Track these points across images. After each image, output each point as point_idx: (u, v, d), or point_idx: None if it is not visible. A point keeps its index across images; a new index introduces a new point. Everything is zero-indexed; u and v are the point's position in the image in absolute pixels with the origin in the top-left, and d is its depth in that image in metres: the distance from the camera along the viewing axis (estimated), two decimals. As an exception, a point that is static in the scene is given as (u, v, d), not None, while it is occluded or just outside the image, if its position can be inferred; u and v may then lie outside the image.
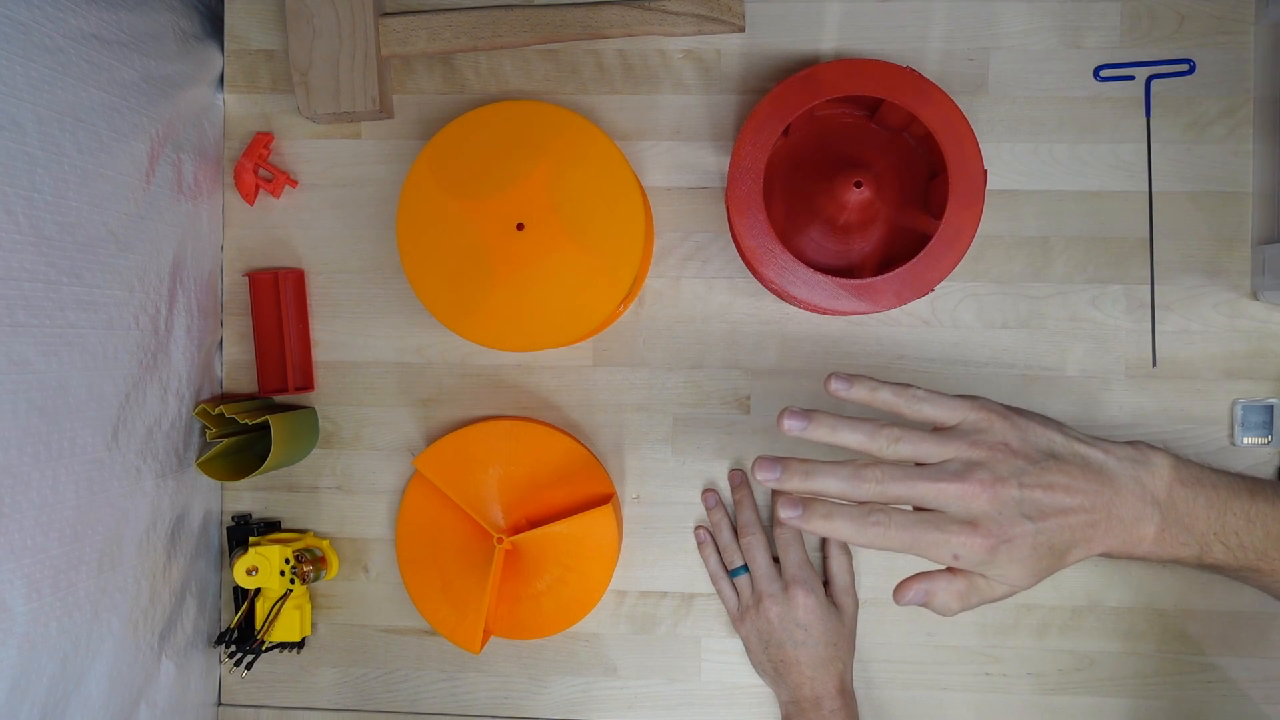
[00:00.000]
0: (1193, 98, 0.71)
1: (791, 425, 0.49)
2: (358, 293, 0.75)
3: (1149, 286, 0.71)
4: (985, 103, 0.71)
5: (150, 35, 0.65)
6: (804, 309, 0.71)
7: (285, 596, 0.70)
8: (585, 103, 0.73)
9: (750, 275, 0.72)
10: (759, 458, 0.48)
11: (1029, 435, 0.48)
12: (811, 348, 0.73)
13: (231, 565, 0.70)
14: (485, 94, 0.74)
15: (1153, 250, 0.71)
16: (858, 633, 0.71)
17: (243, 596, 0.73)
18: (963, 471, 0.46)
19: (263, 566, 0.69)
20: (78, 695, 0.58)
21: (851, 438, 0.48)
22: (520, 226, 0.65)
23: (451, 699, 0.75)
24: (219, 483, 0.75)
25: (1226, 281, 0.71)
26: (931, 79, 0.63)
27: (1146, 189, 0.71)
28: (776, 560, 0.70)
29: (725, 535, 0.72)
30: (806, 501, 0.47)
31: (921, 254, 0.62)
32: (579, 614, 0.71)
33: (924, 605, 0.48)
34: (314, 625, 0.75)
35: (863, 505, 0.47)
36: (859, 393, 0.50)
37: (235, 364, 0.76)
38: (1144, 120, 0.71)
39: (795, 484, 0.47)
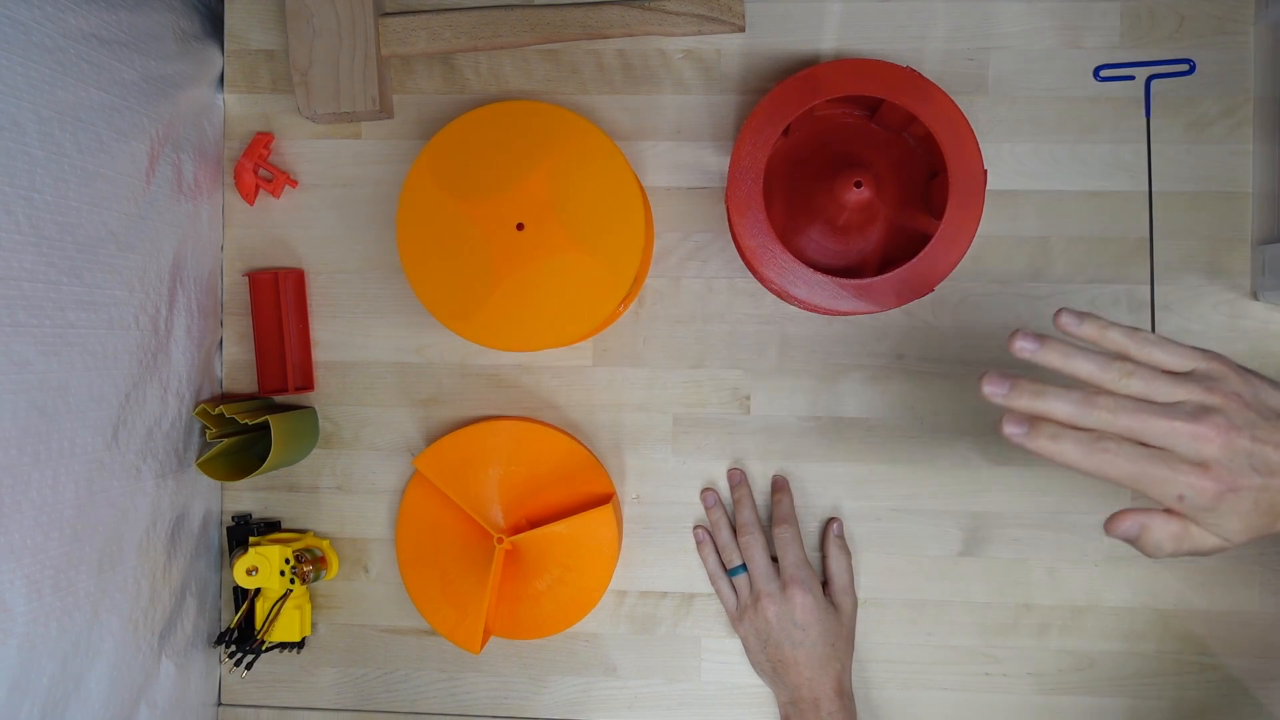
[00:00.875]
0: (1193, 98, 0.71)
1: (1024, 345, 0.48)
2: (358, 293, 0.75)
3: (1149, 286, 0.71)
4: (985, 103, 0.71)
5: (150, 35, 0.65)
6: (804, 309, 0.71)
7: (285, 596, 0.70)
8: (585, 103, 0.73)
9: (750, 275, 0.72)
10: (988, 372, 0.47)
11: (1261, 393, 0.47)
12: (811, 348, 0.73)
13: (231, 565, 0.70)
14: (485, 94, 0.74)
15: (1153, 250, 0.71)
16: (857, 633, 0.71)
17: (243, 596, 0.73)
18: (1198, 413, 0.45)
19: (263, 566, 0.69)
20: (78, 695, 0.58)
21: (1084, 367, 0.47)
22: (520, 226, 0.65)
23: (451, 699, 0.75)
24: (219, 483, 0.75)
25: (1226, 281, 0.71)
26: (931, 79, 0.63)
27: (1146, 189, 0.71)
28: (775, 560, 0.70)
29: (724, 534, 0.72)
30: (1034, 420, 0.46)
31: (921, 254, 0.62)
32: (579, 614, 0.71)
33: (1133, 542, 0.48)
34: (314, 625, 0.75)
35: (1091, 432, 0.46)
36: (1088, 330, 0.49)
37: (235, 364, 0.76)
38: (1144, 120, 0.71)
39: (1024, 402, 0.47)
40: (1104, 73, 0.71)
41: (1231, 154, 0.70)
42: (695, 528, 0.74)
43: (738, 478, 0.73)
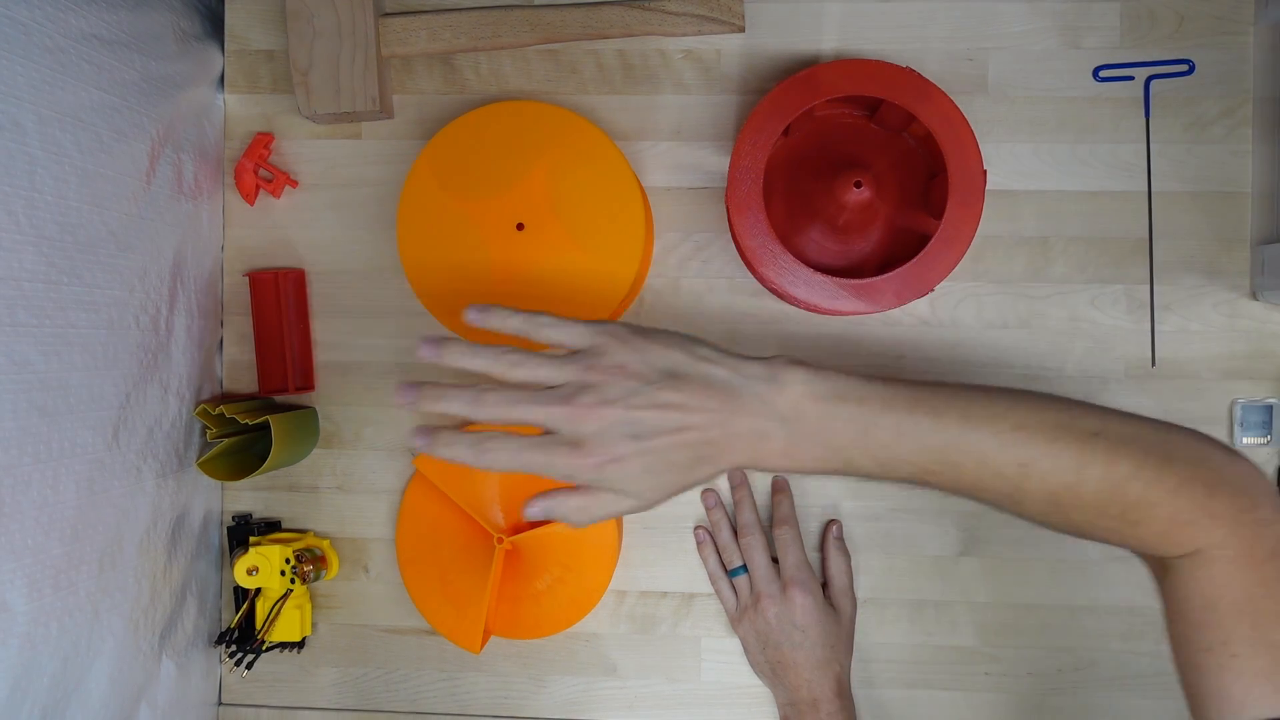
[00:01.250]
0: (1192, 98, 0.71)
1: (425, 352, 0.50)
2: (358, 293, 0.75)
3: (1149, 286, 0.71)
4: (985, 103, 0.71)
5: (150, 35, 0.65)
6: (804, 309, 0.71)
7: (285, 596, 0.70)
8: (585, 103, 0.73)
9: (750, 275, 0.72)
10: (400, 383, 0.50)
11: (648, 356, 0.48)
12: (811, 348, 0.73)
13: (232, 565, 0.70)
14: (485, 94, 0.74)
15: (1152, 250, 0.71)
16: (857, 632, 0.71)
17: (243, 596, 0.73)
18: (570, 395, 0.47)
19: (263, 566, 0.69)
20: (78, 695, 0.58)
21: (477, 362, 0.49)
22: (520, 226, 0.65)
23: (451, 699, 0.75)
24: (219, 483, 0.75)
25: (1226, 281, 0.71)
26: (931, 79, 0.63)
27: (1146, 189, 0.71)
28: (775, 561, 0.70)
29: (725, 535, 0.72)
30: (434, 430, 0.49)
31: (921, 254, 0.62)
32: (579, 614, 0.71)
33: (551, 518, 0.50)
34: (314, 625, 0.75)
35: (481, 431, 0.48)
36: (493, 320, 0.51)
37: (235, 364, 0.76)
38: (1144, 120, 0.71)
39: (428, 406, 0.49)
40: (1104, 73, 0.71)
41: (1231, 154, 0.71)
42: (696, 528, 0.74)
43: (738, 479, 0.73)
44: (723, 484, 0.74)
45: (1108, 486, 0.46)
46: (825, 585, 0.71)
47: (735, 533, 0.72)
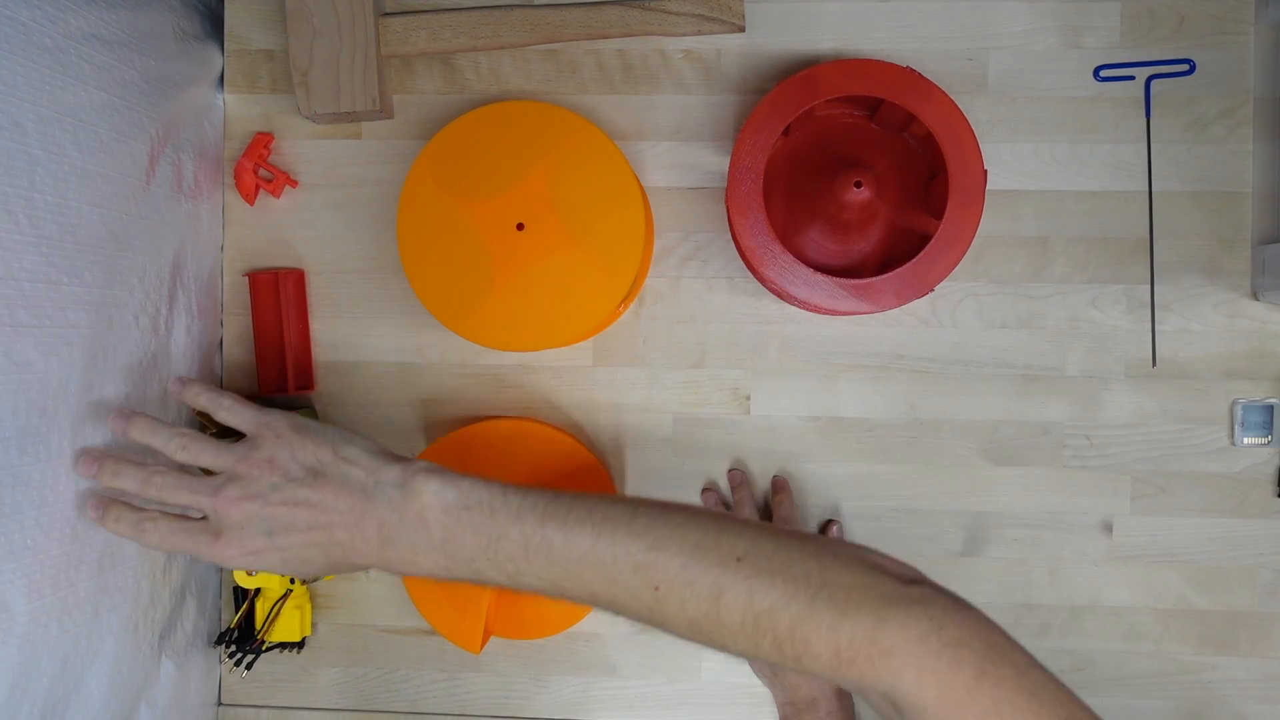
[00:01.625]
0: (1193, 98, 0.71)
1: (115, 425, 0.53)
2: (358, 293, 0.75)
3: (1149, 286, 0.71)
4: (985, 103, 0.71)
5: (150, 35, 0.65)
6: (804, 309, 0.71)
7: (285, 596, 0.70)
8: (585, 103, 0.73)
9: (750, 275, 0.72)
10: (84, 452, 0.52)
11: (297, 453, 0.50)
12: (811, 348, 0.73)
13: (231, 565, 0.70)
14: (485, 94, 0.74)
15: (1153, 250, 0.71)
16: None
17: (243, 596, 0.73)
18: (219, 486, 0.50)
19: (263, 566, 0.69)
20: (78, 695, 0.58)
21: (155, 439, 0.52)
22: (520, 226, 0.65)
23: (451, 699, 0.75)
24: (219, 483, 0.75)
25: (1226, 281, 0.71)
26: (931, 79, 0.63)
27: (1146, 189, 0.71)
28: None
29: None
30: (107, 502, 0.52)
31: (921, 254, 0.62)
32: (579, 614, 0.71)
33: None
34: (314, 625, 0.75)
35: (144, 511, 0.52)
36: (187, 394, 0.55)
37: (235, 364, 0.76)
38: (1144, 120, 0.71)
39: (106, 481, 0.52)
40: (1104, 73, 0.71)
41: (1231, 154, 0.71)
42: None
43: (739, 478, 0.73)
44: (723, 482, 0.74)
45: (751, 617, 0.43)
46: None
47: None
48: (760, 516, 0.72)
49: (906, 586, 0.44)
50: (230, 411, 0.52)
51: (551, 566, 0.46)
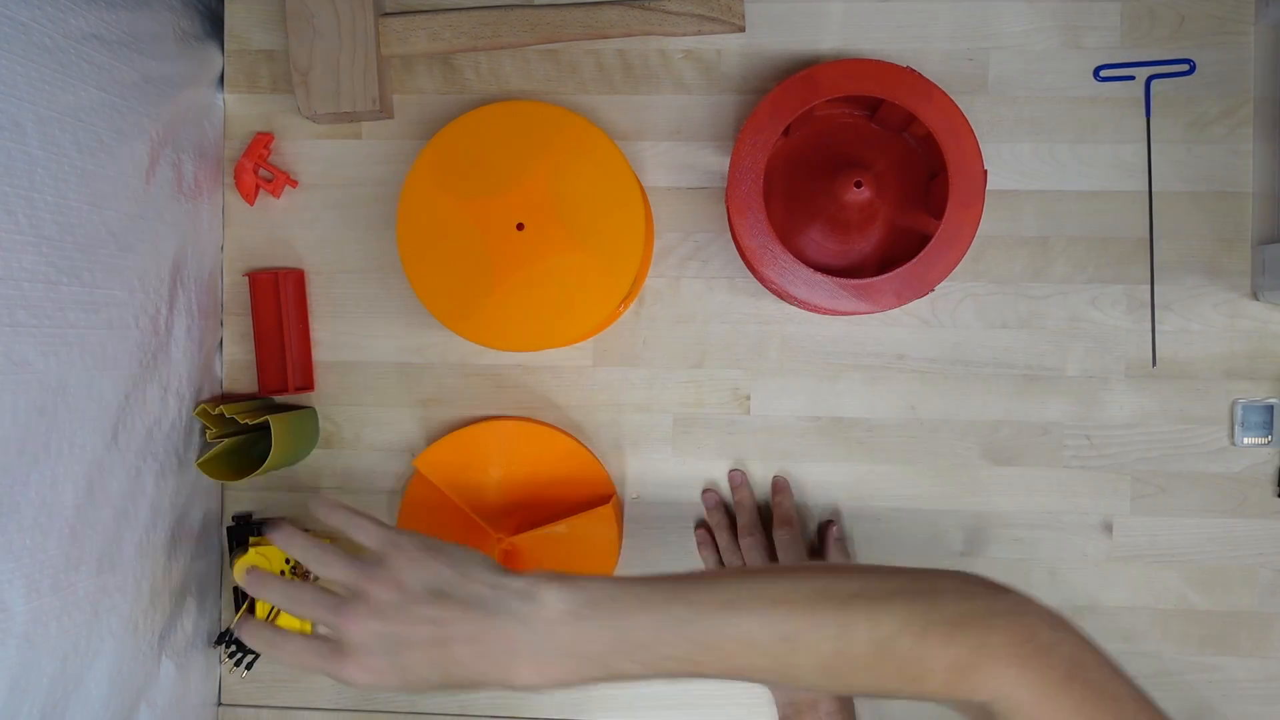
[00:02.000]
0: (1193, 98, 0.71)
1: (276, 538, 0.54)
2: (358, 293, 0.75)
3: (1149, 286, 0.71)
4: (985, 103, 0.71)
5: (150, 35, 0.65)
6: (804, 309, 0.71)
7: (285, 596, 0.70)
8: (585, 103, 0.73)
9: (750, 275, 0.72)
10: (249, 570, 0.53)
11: (421, 572, 0.50)
12: (811, 348, 0.73)
13: (231, 565, 0.70)
14: (485, 94, 0.74)
15: (1153, 250, 0.71)
16: None
17: (243, 596, 0.73)
18: (345, 602, 0.50)
19: (263, 566, 0.68)
20: (78, 695, 0.58)
21: (293, 550, 0.53)
22: (520, 226, 0.65)
23: (452, 699, 0.75)
24: (219, 483, 0.75)
25: (1226, 281, 0.71)
26: (931, 79, 0.63)
27: (1146, 189, 0.71)
28: (776, 562, 0.70)
29: (725, 537, 0.72)
30: (248, 621, 0.53)
31: (921, 254, 0.62)
32: (579, 614, 0.71)
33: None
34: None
35: (280, 631, 0.52)
36: (323, 512, 0.55)
37: (235, 364, 0.76)
38: (1144, 120, 0.71)
39: (254, 593, 0.53)
40: (1104, 73, 0.71)
41: (1231, 154, 0.71)
42: (697, 528, 0.74)
43: (739, 479, 0.73)
44: (723, 482, 0.74)
45: (875, 646, 0.46)
46: None
47: (735, 534, 0.71)
48: (760, 517, 0.72)
49: (1003, 598, 0.47)
50: (359, 530, 0.53)
51: (683, 643, 0.48)
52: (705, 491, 0.73)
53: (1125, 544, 0.71)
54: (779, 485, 0.73)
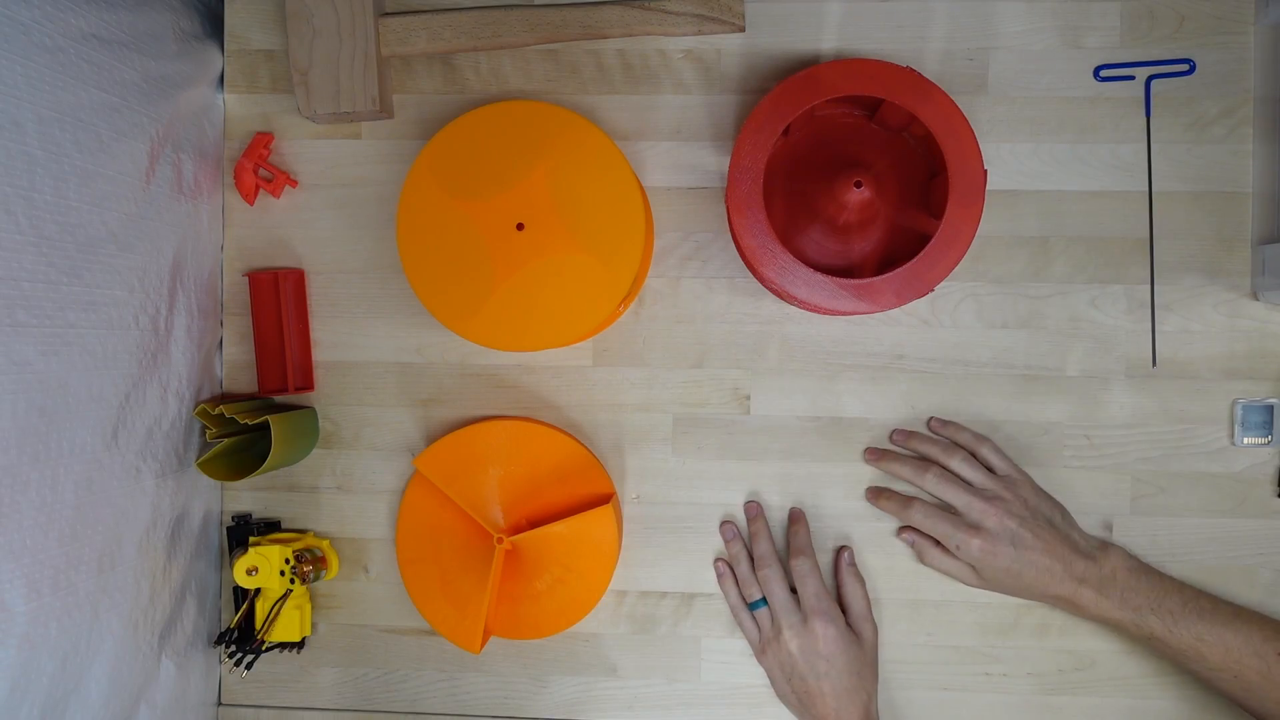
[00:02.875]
0: (1193, 98, 0.71)
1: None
2: (358, 293, 0.75)
3: (1149, 286, 0.71)
4: (985, 103, 0.71)
5: (150, 35, 0.65)
6: (804, 309, 0.71)
7: (285, 596, 0.70)
8: (585, 103, 0.73)
9: (750, 275, 0.72)
10: (870, 449, 0.73)
11: (1044, 505, 0.68)
12: (811, 348, 0.73)
13: (231, 565, 0.70)
14: (485, 94, 0.74)
15: (1153, 250, 0.71)
16: None
17: (243, 596, 0.73)
18: (991, 498, 0.67)
19: (263, 566, 0.69)
20: (78, 695, 0.58)
21: (932, 450, 0.71)
22: (520, 226, 0.65)
23: (451, 699, 0.75)
24: (219, 483, 0.75)
25: (1226, 281, 0.71)
26: (931, 79, 0.63)
27: (1146, 189, 0.71)
28: (794, 591, 0.70)
29: (743, 568, 0.72)
30: (879, 490, 0.73)
31: (921, 254, 0.62)
32: (579, 614, 0.71)
33: (916, 549, 0.72)
34: (314, 625, 0.75)
35: (911, 498, 0.71)
36: (961, 436, 0.72)
37: (235, 364, 0.76)
38: (1144, 120, 0.71)
39: (885, 468, 0.72)
40: (1104, 73, 0.71)
41: (1231, 154, 0.71)
42: (716, 561, 0.73)
43: (755, 510, 0.73)
44: (740, 516, 0.73)
45: None
46: (844, 612, 0.70)
47: (753, 565, 0.71)
48: (777, 547, 0.72)
49: None
50: (994, 453, 0.70)
51: (1199, 623, 0.64)
52: (724, 524, 0.73)
53: (1125, 544, 0.71)
54: (795, 516, 0.73)
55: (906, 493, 0.71)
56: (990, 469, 0.69)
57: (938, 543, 0.69)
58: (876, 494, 0.72)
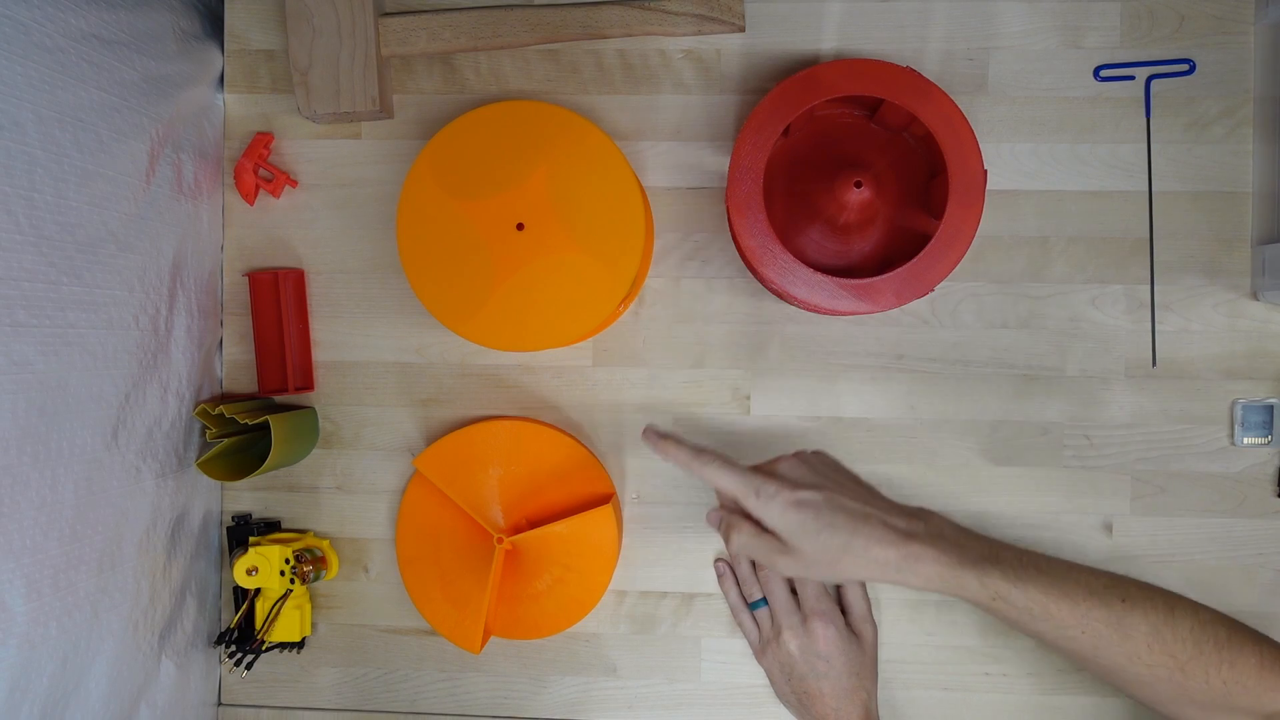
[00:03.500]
0: (1193, 98, 0.71)
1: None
2: (358, 293, 0.75)
3: (1149, 286, 0.71)
4: (985, 103, 0.71)
5: (150, 35, 0.65)
6: (804, 309, 0.71)
7: (285, 596, 0.70)
8: (585, 103, 0.73)
9: (750, 275, 0.72)
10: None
11: (837, 470, 0.63)
12: (811, 348, 0.73)
13: (231, 565, 0.70)
14: (485, 94, 0.74)
15: (1153, 250, 0.71)
16: None
17: (243, 596, 0.73)
18: (771, 468, 0.61)
19: (263, 566, 0.69)
20: (78, 695, 0.58)
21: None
22: (520, 226, 0.65)
23: (451, 699, 0.75)
24: (219, 483, 0.75)
25: (1226, 281, 0.71)
26: (931, 79, 0.63)
27: (1146, 189, 0.71)
28: (795, 592, 0.70)
29: (744, 568, 0.72)
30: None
31: (921, 254, 0.62)
32: (579, 614, 0.71)
33: (720, 530, 0.63)
34: (314, 625, 0.75)
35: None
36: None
37: (235, 364, 0.76)
38: (1144, 120, 0.71)
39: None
40: (1104, 73, 0.71)
41: (1231, 154, 0.71)
42: (716, 561, 0.73)
43: None
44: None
45: (1198, 625, 0.57)
46: (845, 613, 0.70)
47: (754, 565, 0.71)
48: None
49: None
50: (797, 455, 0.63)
51: (1041, 576, 0.57)
52: (718, 561, 0.73)
53: (1125, 544, 0.71)
54: None
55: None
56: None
57: (746, 516, 0.60)
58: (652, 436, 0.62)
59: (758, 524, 0.59)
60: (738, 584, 0.72)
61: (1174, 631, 0.57)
